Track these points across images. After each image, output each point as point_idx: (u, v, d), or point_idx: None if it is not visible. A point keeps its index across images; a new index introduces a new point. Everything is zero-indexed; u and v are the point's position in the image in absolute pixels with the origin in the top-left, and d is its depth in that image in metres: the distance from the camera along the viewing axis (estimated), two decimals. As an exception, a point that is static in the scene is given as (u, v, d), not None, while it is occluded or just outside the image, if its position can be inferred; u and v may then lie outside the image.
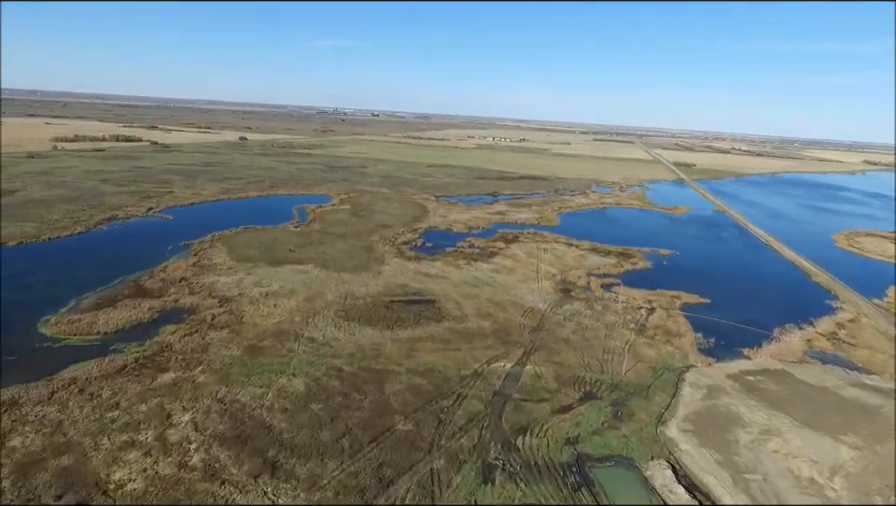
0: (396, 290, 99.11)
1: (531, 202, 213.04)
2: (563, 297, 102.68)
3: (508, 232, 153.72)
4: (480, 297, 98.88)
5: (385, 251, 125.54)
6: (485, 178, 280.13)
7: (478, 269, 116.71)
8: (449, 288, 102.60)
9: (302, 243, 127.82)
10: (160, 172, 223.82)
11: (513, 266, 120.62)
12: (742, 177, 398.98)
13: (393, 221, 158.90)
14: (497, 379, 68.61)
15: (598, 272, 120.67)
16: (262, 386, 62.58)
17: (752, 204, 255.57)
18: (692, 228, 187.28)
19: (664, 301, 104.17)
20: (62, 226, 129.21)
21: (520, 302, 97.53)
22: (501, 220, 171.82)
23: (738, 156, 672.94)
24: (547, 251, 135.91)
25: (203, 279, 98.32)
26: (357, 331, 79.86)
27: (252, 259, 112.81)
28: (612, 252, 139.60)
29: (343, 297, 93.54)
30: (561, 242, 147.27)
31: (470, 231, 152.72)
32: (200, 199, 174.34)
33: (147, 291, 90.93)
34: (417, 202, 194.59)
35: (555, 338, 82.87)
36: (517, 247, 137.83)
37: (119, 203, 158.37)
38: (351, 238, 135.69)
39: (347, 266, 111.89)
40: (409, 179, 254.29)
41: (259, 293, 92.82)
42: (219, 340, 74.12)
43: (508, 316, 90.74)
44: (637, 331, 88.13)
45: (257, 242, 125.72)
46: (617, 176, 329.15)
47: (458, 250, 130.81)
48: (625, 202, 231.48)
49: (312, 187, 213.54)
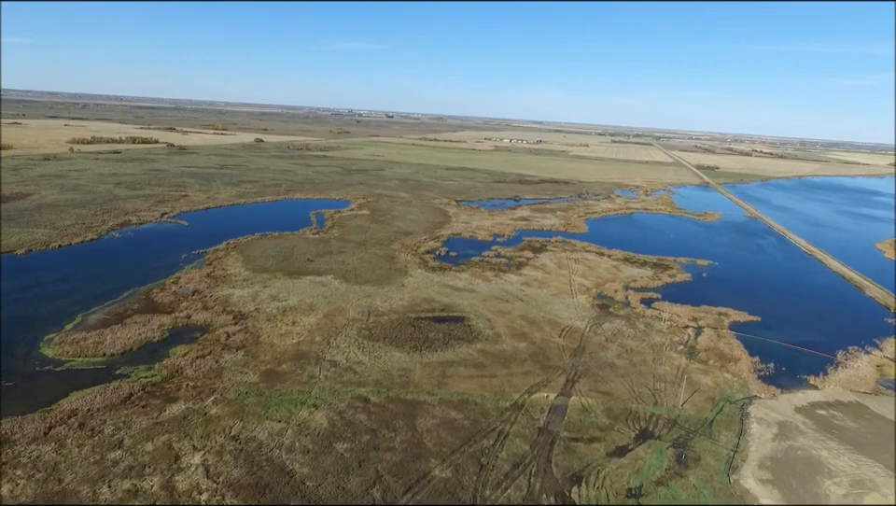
0: (422, 305, 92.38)
1: (555, 207, 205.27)
2: (601, 314, 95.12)
3: (534, 240, 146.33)
4: (512, 313, 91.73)
5: (407, 261, 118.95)
6: (506, 182, 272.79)
7: (507, 281, 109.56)
8: (478, 302, 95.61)
9: (321, 251, 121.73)
10: (175, 175, 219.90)
11: (544, 278, 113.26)
12: (768, 181, 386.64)
13: (414, 228, 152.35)
14: (540, 412, 61.46)
15: (636, 285, 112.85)
16: (281, 421, 56.13)
17: (785, 210, 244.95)
18: (726, 235, 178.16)
19: (710, 318, 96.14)
20: (73, 232, 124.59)
21: (556, 320, 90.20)
22: (526, 227, 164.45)
23: (761, 158, 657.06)
24: (578, 261, 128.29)
25: (217, 292, 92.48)
26: (382, 354, 73.20)
27: (269, 269, 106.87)
28: (647, 262, 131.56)
29: (366, 313, 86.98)
30: (591, 251, 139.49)
31: (495, 239, 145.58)
32: (215, 203, 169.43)
33: (157, 306, 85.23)
34: (438, 207, 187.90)
35: (599, 362, 75.46)
36: (546, 257, 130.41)
37: (133, 208, 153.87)
38: (371, 246, 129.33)
39: (369, 277, 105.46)
40: (428, 183, 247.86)
41: (276, 308, 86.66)
42: (234, 363, 67.93)
43: (544, 335, 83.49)
44: (688, 355, 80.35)
45: (273, 250, 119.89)
46: (640, 180, 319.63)
47: (484, 260, 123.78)
48: (653, 207, 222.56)
49: (329, 190, 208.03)
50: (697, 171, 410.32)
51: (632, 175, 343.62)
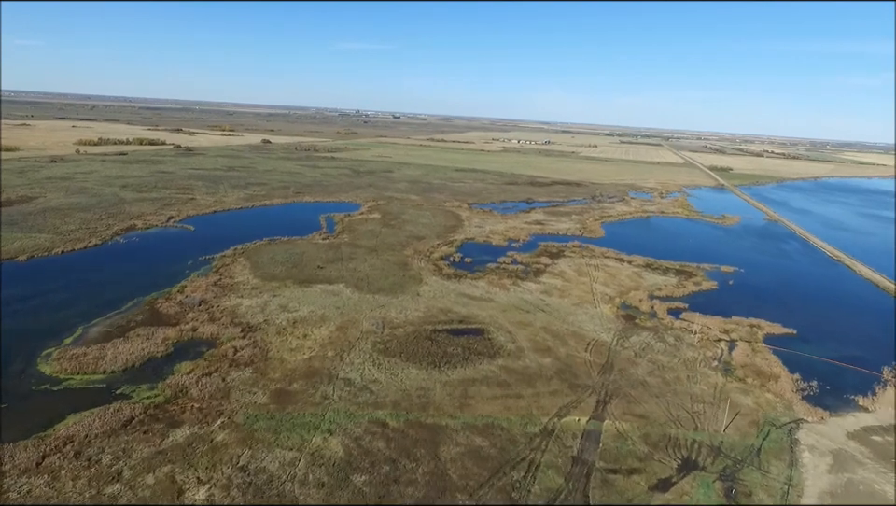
0: (439, 317, 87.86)
1: (569, 210, 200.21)
2: (627, 325, 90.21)
3: (551, 245, 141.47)
4: (534, 325, 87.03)
5: (421, 268, 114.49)
6: (517, 184, 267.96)
7: (526, 290, 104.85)
8: (497, 313, 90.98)
9: (332, 258, 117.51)
10: (181, 177, 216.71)
11: (565, 286, 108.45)
12: (784, 182, 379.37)
13: (426, 232, 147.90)
14: (572, 439, 56.77)
15: (660, 294, 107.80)
16: (293, 449, 51.78)
17: (805, 213, 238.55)
18: (747, 240, 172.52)
19: (743, 331, 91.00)
20: (77, 238, 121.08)
21: (580, 333, 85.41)
22: (541, 231, 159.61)
23: (773, 159, 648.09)
24: (598, 268, 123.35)
25: (224, 302, 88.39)
26: (399, 371, 68.74)
27: (278, 277, 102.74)
28: (670, 269, 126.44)
29: (381, 325, 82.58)
30: (611, 257, 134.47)
31: (510, 245, 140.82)
32: (222, 207, 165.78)
33: (162, 317, 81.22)
34: (450, 210, 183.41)
35: (630, 380, 70.65)
36: (564, 263, 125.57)
37: (139, 212, 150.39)
38: (383, 252, 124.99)
39: (382, 286, 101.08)
40: (438, 185, 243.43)
41: (286, 320, 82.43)
42: (242, 382, 63.68)
43: (570, 350, 78.74)
44: (724, 372, 75.36)
45: (282, 256, 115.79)
46: (654, 182, 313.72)
47: (501, 267, 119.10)
48: (669, 210, 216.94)
49: (338, 193, 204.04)
50: (711, 172, 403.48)
51: (645, 177, 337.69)
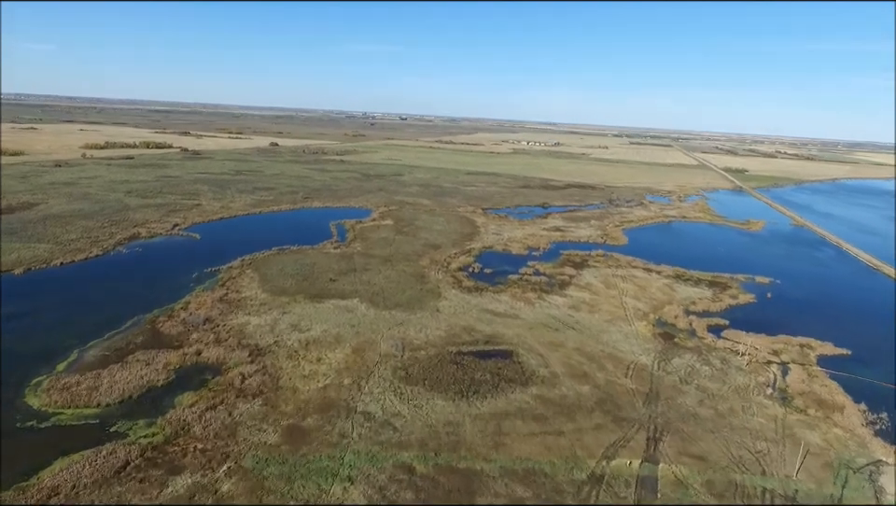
0: (462, 336, 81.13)
1: (588, 215, 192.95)
2: (667, 346, 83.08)
3: (573, 254, 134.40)
4: (566, 346, 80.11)
5: (439, 280, 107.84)
6: (530, 187, 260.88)
7: (552, 304, 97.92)
8: (525, 332, 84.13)
9: (344, 269, 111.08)
10: (188, 182, 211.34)
11: (593, 301, 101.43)
12: (802, 184, 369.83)
13: (442, 240, 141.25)
14: (625, 487, 49.86)
15: (696, 309, 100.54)
16: (310, 501, 45.17)
17: (832, 217, 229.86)
18: (777, 247, 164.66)
19: (793, 352, 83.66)
20: (77, 248, 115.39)
21: (617, 355, 78.40)
22: (561, 238, 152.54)
23: (787, 160, 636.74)
24: (626, 279, 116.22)
25: (231, 320, 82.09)
26: (424, 402, 62.06)
27: (288, 291, 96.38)
28: (702, 280, 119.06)
29: (400, 346, 75.97)
30: (638, 267, 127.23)
31: (531, 253, 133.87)
32: (229, 213, 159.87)
33: (164, 338, 75.01)
34: (464, 216, 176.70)
35: (680, 412, 63.60)
36: (590, 274, 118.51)
37: (143, 219, 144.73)
38: (398, 262, 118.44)
39: (399, 301, 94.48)
40: (450, 189, 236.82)
41: (298, 341, 75.99)
42: (250, 416, 57.23)
43: (608, 375, 71.78)
44: (781, 401, 68.15)
45: (292, 268, 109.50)
46: (670, 184, 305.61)
47: (523, 278, 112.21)
48: (690, 214, 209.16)
49: (348, 198, 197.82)
50: (726, 174, 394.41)
51: (660, 180, 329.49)
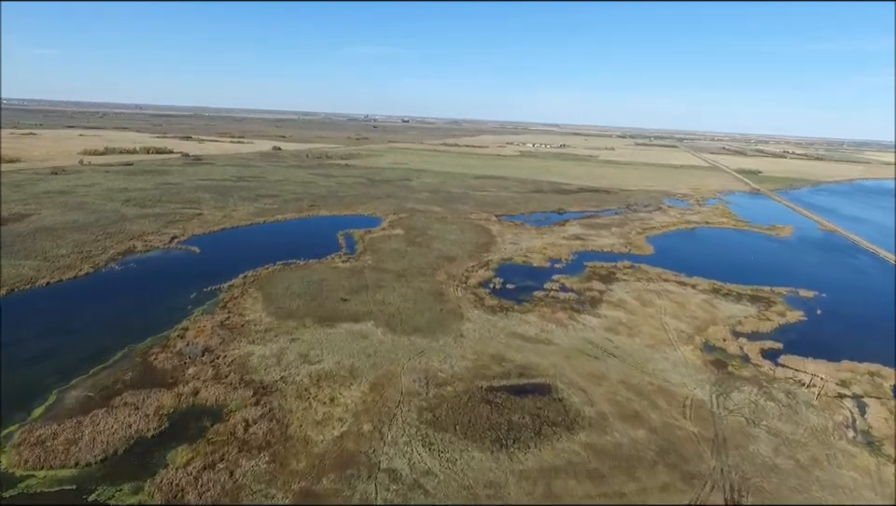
0: (492, 367, 72.24)
1: (607, 221, 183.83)
2: (721, 375, 73.98)
3: (599, 266, 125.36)
4: (609, 378, 71.14)
5: (459, 298, 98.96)
6: (542, 192, 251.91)
7: (587, 326, 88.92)
8: (561, 361, 75.17)
9: (355, 286, 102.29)
10: (188, 189, 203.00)
11: (630, 321, 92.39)
12: (819, 186, 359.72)
13: (457, 251, 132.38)
14: (713, 573, 40.83)
15: (743, 329, 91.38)
16: None
17: (859, 221, 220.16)
18: (810, 254, 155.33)
19: (863, 381, 74.49)
20: (67, 264, 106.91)
21: (668, 388, 69.37)
22: (583, 248, 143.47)
23: (797, 161, 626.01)
24: (661, 295, 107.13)
25: (232, 350, 73.37)
26: (458, 455, 53.12)
27: (295, 313, 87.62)
28: (742, 295, 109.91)
29: (424, 380, 67.13)
30: (670, 280, 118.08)
31: (553, 266, 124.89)
32: (231, 223, 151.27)
33: (157, 374, 66.30)
34: (478, 224, 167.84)
35: (756, 465, 54.49)
36: (620, 289, 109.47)
37: (140, 231, 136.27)
38: (413, 277, 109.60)
39: (418, 324, 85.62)
40: (459, 194, 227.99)
41: (308, 376, 67.20)
42: (255, 477, 48.41)
43: (663, 415, 62.75)
44: (868, 447, 58.99)
45: (299, 285, 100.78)
46: (685, 187, 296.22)
47: (550, 295, 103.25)
48: (713, 220, 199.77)
49: (355, 205, 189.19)
50: (740, 176, 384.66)
51: (674, 182, 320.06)
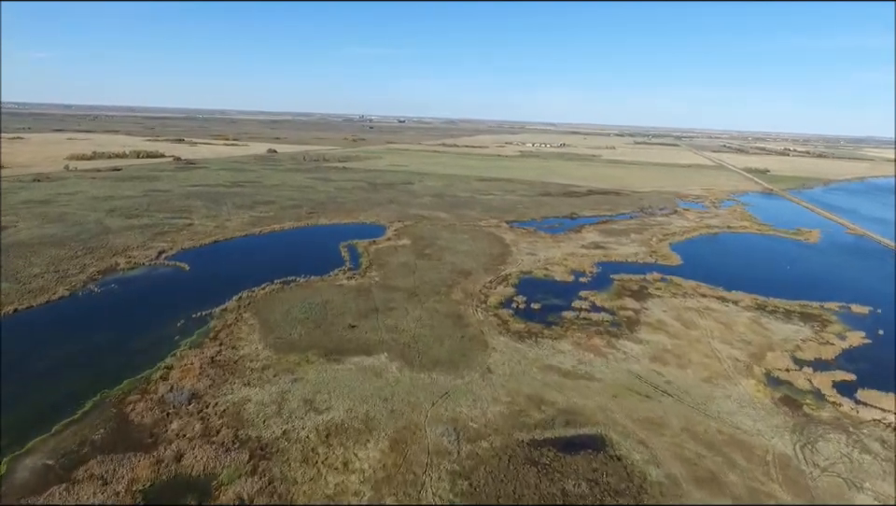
0: (530, 413, 61.43)
1: (624, 227, 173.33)
2: (798, 418, 63.35)
3: (627, 280, 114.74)
4: (669, 425, 60.40)
5: (480, 321, 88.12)
6: (551, 194, 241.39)
7: (629, 355, 78.23)
8: (609, 402, 64.43)
9: (364, 309, 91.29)
10: (179, 196, 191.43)
11: (676, 347, 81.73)
12: (831, 184, 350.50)
13: (471, 264, 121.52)
14: None
15: (805, 355, 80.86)
16: None
17: (884, 222, 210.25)
18: (847, 261, 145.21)
19: (961, 422, 63.97)
20: (39, 286, 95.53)
21: (741, 438, 58.66)
22: (605, 258, 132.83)
23: (801, 158, 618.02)
24: (702, 314, 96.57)
25: (224, 396, 62.35)
26: (507, 546, 42.32)
27: (297, 344, 76.61)
28: (791, 312, 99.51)
29: (453, 433, 56.29)
30: (707, 294, 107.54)
31: (577, 279, 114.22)
32: (224, 235, 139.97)
33: (133, 431, 55.19)
34: (489, 232, 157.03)
35: (876, 549, 43.93)
36: (656, 307, 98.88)
37: (124, 245, 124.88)
38: (427, 297, 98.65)
39: (437, 356, 74.74)
40: (465, 199, 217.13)
41: (315, 430, 56.22)
42: (253, 589, 37.46)
43: (745, 478, 52.04)
44: None
45: (300, 309, 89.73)
46: (697, 188, 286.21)
47: (580, 316, 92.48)
48: (734, 224, 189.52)
49: (357, 212, 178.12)
50: (749, 175, 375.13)
51: (683, 182, 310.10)
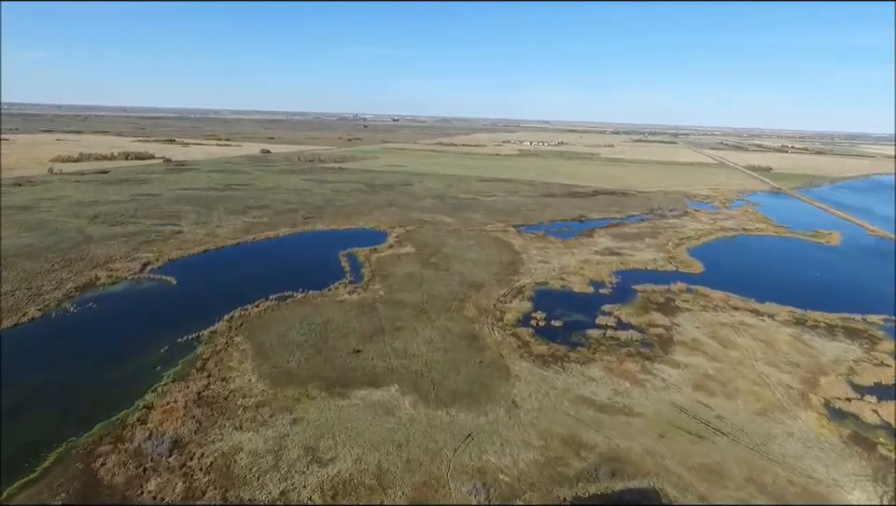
0: (568, 460, 52.88)
1: (636, 230, 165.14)
2: (875, 462, 55.07)
3: (651, 290, 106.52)
4: (730, 473, 52.01)
5: (498, 342, 79.53)
6: (555, 195, 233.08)
7: (667, 382, 69.85)
8: (655, 444, 56.00)
9: (369, 330, 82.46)
10: (168, 200, 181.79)
11: (718, 372, 73.42)
12: (838, 182, 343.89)
13: (482, 275, 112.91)
14: None
15: (861, 380, 72.72)
16: None
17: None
18: (874, 266, 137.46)
19: None
20: (9, 306, 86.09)
21: (819, 491, 50.29)
22: (623, 266, 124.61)
23: (801, 155, 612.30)
24: (738, 330, 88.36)
25: (212, 443, 53.47)
26: None
27: (296, 375, 67.77)
28: (833, 326, 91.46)
29: (482, 491, 47.65)
30: (739, 307, 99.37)
31: (597, 291, 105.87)
32: (215, 243, 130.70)
33: (102, 494, 46.22)
34: (496, 237, 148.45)
35: None
36: (688, 323, 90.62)
37: (106, 256, 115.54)
38: (437, 314, 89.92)
39: (455, 387, 66.07)
40: (467, 201, 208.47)
41: (319, 489, 47.43)
42: None
43: (833, 545, 43.73)
44: None
45: (299, 330, 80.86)
46: (703, 188, 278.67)
47: (608, 335, 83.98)
48: (750, 226, 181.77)
49: (356, 216, 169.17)
50: (753, 173, 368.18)
51: (688, 182, 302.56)
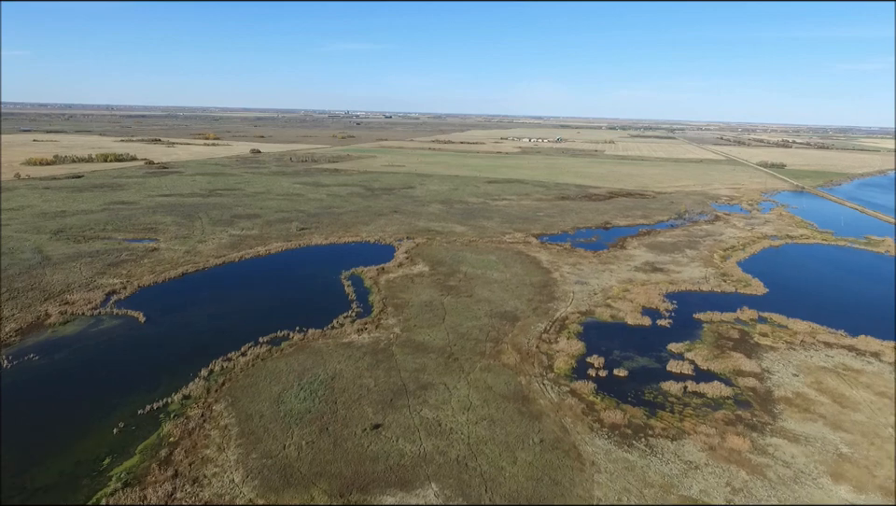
0: None
1: (671, 239, 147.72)
2: None
3: (718, 321, 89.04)
4: None
5: (555, 406, 61.50)
6: (570, 198, 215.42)
7: (796, 469, 52.11)
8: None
9: (387, 388, 64.17)
10: (145, 210, 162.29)
11: (855, 449, 55.80)
12: (856, 179, 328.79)
13: (513, 302, 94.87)
14: None
15: None
16: None
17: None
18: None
19: None
20: (-77, 363, 67.17)
21: None
22: (672, 286, 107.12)
23: (805, 150, 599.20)
24: (845, 379, 70.89)
25: None
26: None
27: (295, 472, 49.39)
28: (957, 371, 74.29)
29: None
30: (830, 342, 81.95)
31: (655, 321, 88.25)
32: (195, 264, 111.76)
33: None
34: (518, 249, 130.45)
35: None
36: (780, 368, 73.11)
37: (64, 283, 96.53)
38: (469, 360, 71.77)
39: (516, 489, 47.96)
40: (478, 206, 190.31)
41: None
42: None
43: None
44: None
45: (297, 393, 62.48)
46: (721, 187, 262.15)
47: (688, 390, 66.37)
48: (793, 232, 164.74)
49: (356, 226, 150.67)
50: (768, 170, 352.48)
51: (705, 180, 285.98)
